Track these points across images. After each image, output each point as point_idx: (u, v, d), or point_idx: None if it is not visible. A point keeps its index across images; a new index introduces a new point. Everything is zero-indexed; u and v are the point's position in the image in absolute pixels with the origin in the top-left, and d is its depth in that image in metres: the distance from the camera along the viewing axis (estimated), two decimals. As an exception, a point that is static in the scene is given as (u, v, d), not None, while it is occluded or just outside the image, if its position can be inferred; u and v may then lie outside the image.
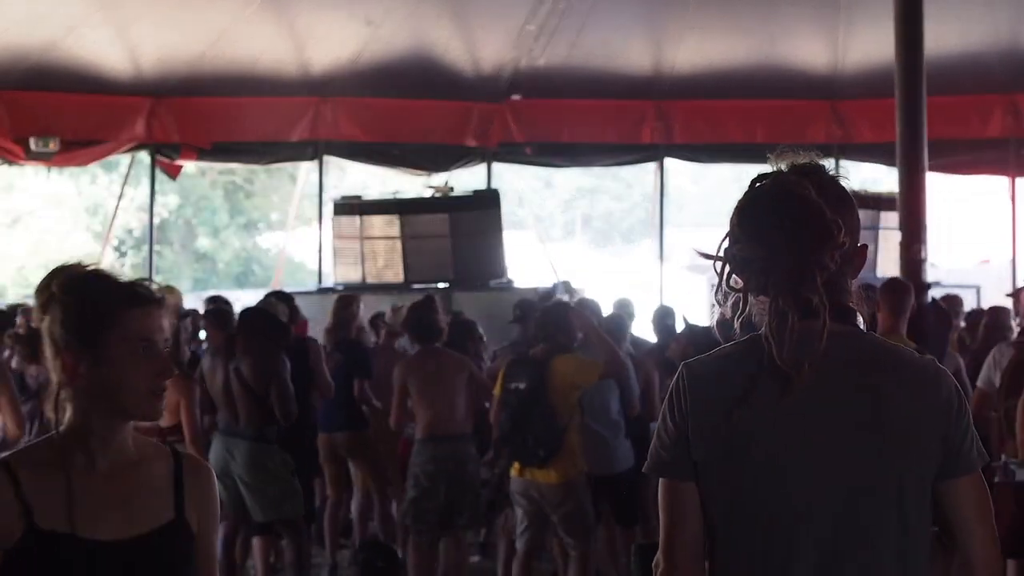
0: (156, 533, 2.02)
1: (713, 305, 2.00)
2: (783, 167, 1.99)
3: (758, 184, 1.96)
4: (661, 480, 2.01)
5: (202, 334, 7.73)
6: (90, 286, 1.99)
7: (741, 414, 1.90)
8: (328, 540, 7.24)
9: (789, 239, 1.88)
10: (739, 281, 1.94)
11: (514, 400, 5.66)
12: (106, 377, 1.97)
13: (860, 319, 1.98)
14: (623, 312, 7.54)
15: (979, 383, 5.91)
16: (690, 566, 1.96)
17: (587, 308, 7.26)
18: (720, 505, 1.94)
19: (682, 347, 6.05)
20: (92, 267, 2.03)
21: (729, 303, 1.96)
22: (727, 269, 1.94)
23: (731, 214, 1.97)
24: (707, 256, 1.98)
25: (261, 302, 7.36)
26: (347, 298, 7.69)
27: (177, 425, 5.75)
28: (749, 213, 1.93)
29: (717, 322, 2.01)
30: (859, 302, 1.99)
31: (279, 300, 7.40)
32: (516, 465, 5.74)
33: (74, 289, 1.98)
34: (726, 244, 1.95)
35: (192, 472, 2.11)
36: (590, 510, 5.80)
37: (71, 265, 2.03)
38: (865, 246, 2.03)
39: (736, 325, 1.97)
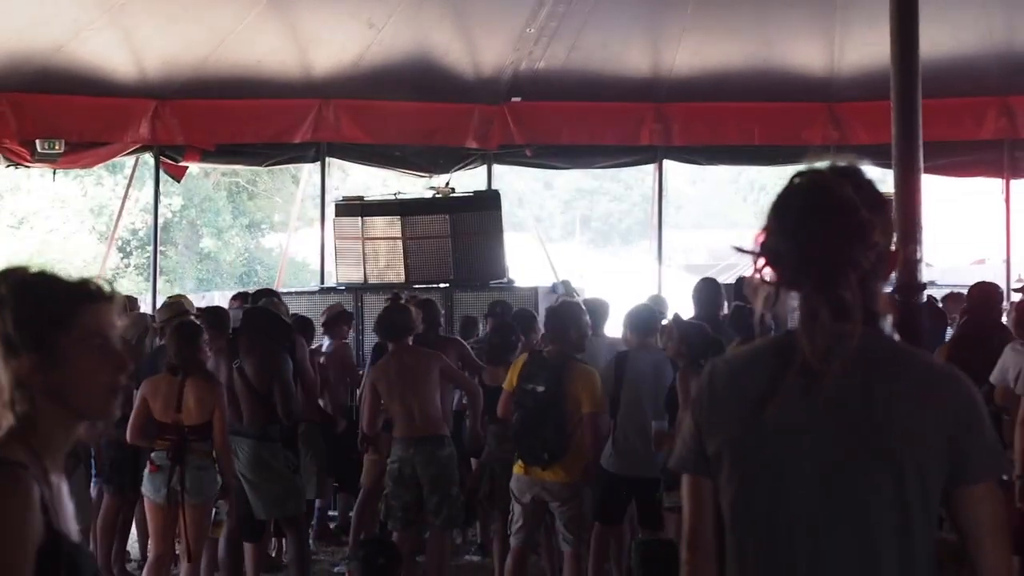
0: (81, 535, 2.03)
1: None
2: (822, 166, 1.99)
3: (796, 180, 1.97)
4: (684, 475, 2.05)
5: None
6: (39, 287, 1.94)
7: (765, 410, 1.91)
8: (352, 534, 7.29)
9: (823, 234, 1.88)
10: (772, 275, 1.94)
11: (530, 401, 5.69)
12: (62, 378, 1.91)
13: (885, 322, 1.98)
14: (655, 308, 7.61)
15: (996, 381, 5.70)
16: (710, 560, 2.01)
17: (598, 309, 7.36)
18: (731, 499, 1.97)
19: (676, 345, 6.08)
20: (39, 268, 1.97)
21: (761, 296, 1.95)
22: (761, 262, 1.95)
23: (768, 208, 1.97)
24: (743, 251, 1.99)
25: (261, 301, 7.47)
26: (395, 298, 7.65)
27: (200, 426, 5.83)
28: (785, 207, 1.94)
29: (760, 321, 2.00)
30: (886, 306, 1.98)
31: (272, 296, 7.49)
32: (520, 464, 5.81)
33: (24, 291, 1.93)
34: (761, 238, 1.96)
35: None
36: (588, 511, 5.88)
37: (17, 268, 1.96)
38: (897, 251, 2.00)
39: (767, 318, 1.97)
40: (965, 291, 9.46)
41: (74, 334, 1.92)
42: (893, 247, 1.99)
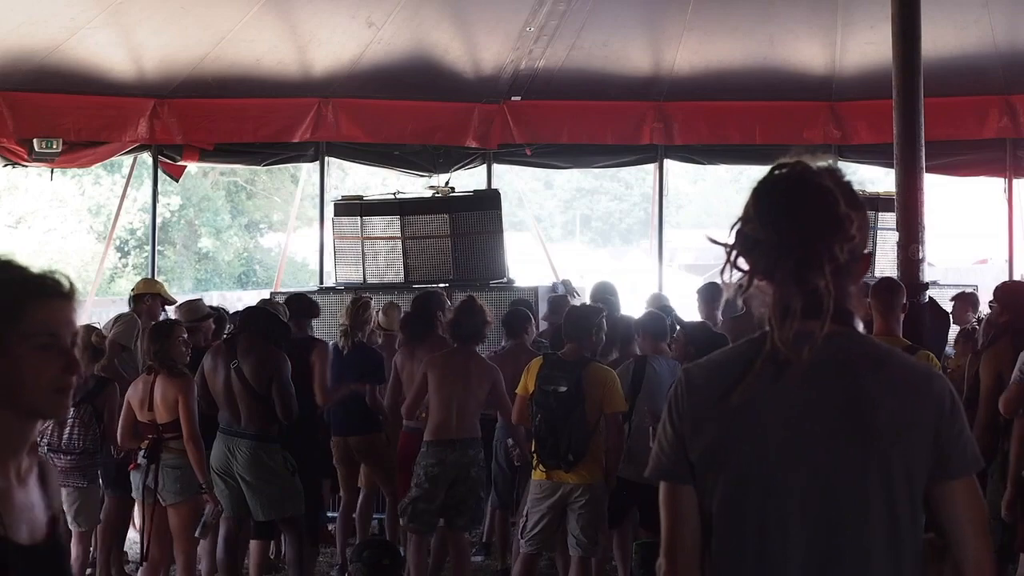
0: (53, 534, 1.96)
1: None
2: (803, 159, 2.00)
3: (776, 171, 1.98)
4: (662, 484, 2.04)
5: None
6: None
7: (737, 398, 1.92)
8: (339, 540, 7.29)
9: (801, 224, 1.90)
10: (746, 263, 1.96)
11: (553, 402, 5.67)
12: (7, 372, 1.84)
13: (859, 323, 1.99)
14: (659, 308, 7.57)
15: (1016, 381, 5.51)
16: (691, 568, 2.00)
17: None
18: (720, 500, 1.97)
19: (682, 346, 6.05)
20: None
21: (733, 284, 1.96)
22: (735, 251, 1.96)
23: (748, 196, 1.98)
24: (716, 242, 2.01)
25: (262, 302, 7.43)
26: (361, 299, 7.59)
27: (171, 423, 5.82)
28: (765, 195, 1.95)
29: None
30: (858, 305, 2.00)
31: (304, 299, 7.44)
32: (540, 469, 5.77)
33: None
34: (738, 226, 1.97)
35: (46, 466, 2.03)
36: (605, 516, 5.86)
37: None
38: (870, 253, 2.04)
39: (739, 304, 1.98)
40: (970, 290, 9.45)
41: (21, 328, 1.85)
42: (867, 250, 2.01)
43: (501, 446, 6.85)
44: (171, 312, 7.94)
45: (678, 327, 6.70)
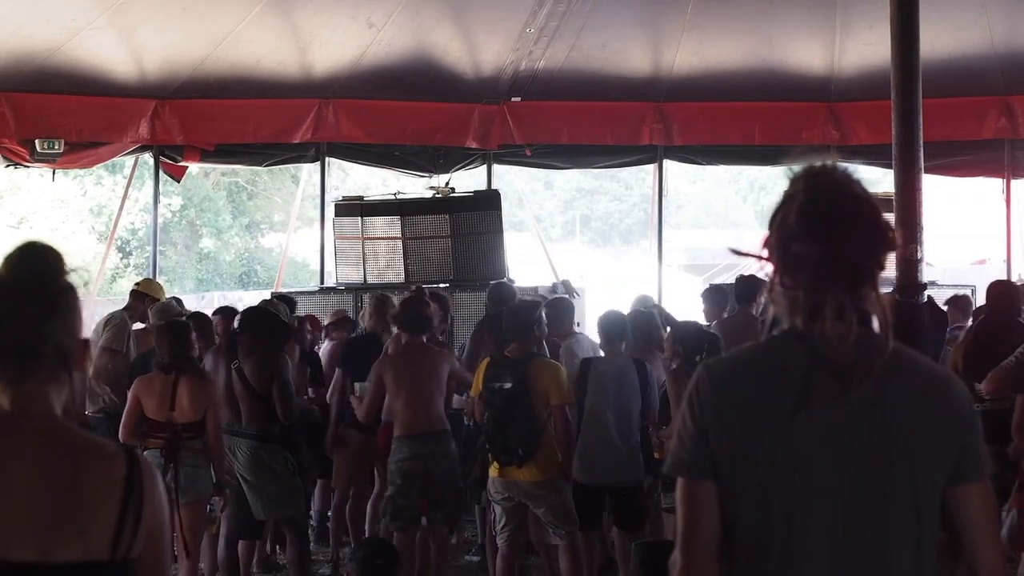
0: None
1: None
2: (828, 166, 1.98)
3: (812, 181, 1.95)
4: (680, 479, 2.02)
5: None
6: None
7: (805, 418, 1.91)
8: (333, 538, 7.29)
9: (853, 239, 1.90)
10: (789, 278, 1.94)
11: (499, 400, 5.72)
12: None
13: (876, 322, 1.98)
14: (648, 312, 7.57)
15: None
16: (707, 564, 1.97)
17: (562, 309, 7.29)
18: (747, 499, 1.96)
19: (671, 346, 6.06)
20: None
21: (786, 300, 1.95)
22: (779, 266, 1.94)
23: (785, 209, 1.95)
24: (742, 253, 2.01)
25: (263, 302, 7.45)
26: (383, 298, 7.58)
27: (193, 424, 5.84)
28: (810, 209, 1.92)
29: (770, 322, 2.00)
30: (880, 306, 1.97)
31: (281, 300, 7.47)
32: (495, 465, 5.81)
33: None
34: (778, 242, 1.94)
35: None
36: (572, 503, 5.88)
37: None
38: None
39: (799, 323, 1.95)
40: (967, 292, 9.48)
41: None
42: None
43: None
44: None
45: (668, 327, 6.73)
